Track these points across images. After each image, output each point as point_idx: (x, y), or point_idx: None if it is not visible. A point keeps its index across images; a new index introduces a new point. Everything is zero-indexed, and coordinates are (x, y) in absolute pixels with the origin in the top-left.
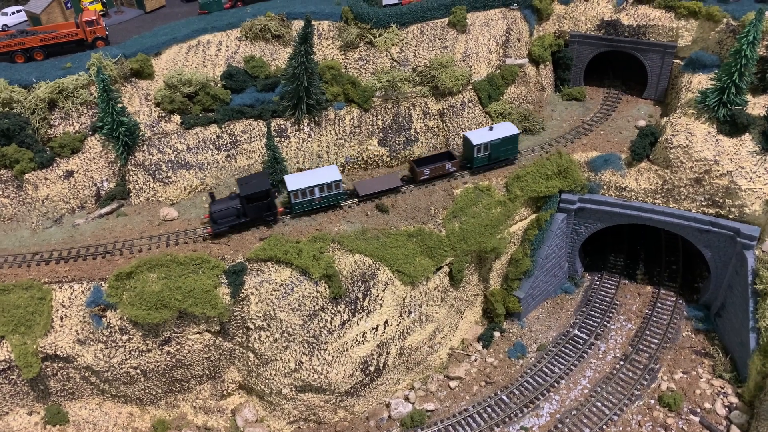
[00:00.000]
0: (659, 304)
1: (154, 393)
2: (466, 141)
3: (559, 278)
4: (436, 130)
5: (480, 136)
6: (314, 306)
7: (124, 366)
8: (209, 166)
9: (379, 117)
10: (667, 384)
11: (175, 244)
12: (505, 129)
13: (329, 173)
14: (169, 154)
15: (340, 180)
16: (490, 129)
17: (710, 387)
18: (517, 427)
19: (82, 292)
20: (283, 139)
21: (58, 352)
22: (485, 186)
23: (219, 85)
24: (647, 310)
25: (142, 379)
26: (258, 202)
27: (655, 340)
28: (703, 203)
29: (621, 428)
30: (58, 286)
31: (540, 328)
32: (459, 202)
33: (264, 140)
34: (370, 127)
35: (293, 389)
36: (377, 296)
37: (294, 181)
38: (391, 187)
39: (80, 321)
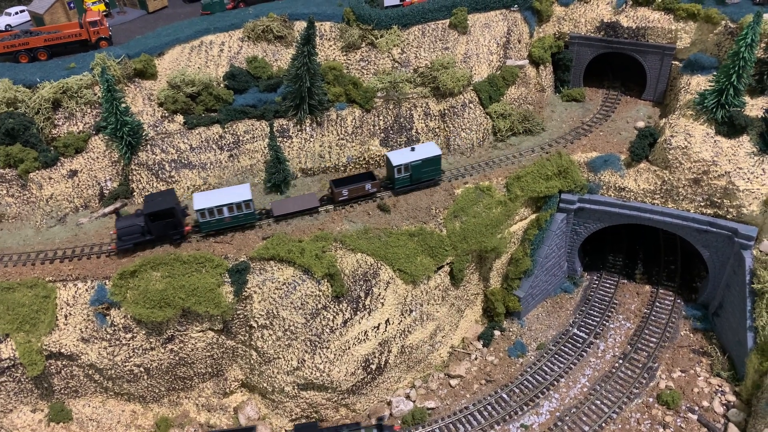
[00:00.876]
0: (658, 304)
1: (157, 391)
2: (388, 161)
3: (558, 278)
4: (437, 130)
5: (401, 156)
6: (316, 304)
7: (127, 364)
8: (212, 166)
9: (381, 117)
10: (665, 382)
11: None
12: (428, 150)
13: (239, 192)
14: (172, 153)
15: (250, 200)
16: (412, 149)
17: (708, 385)
18: (518, 425)
19: (86, 290)
20: (285, 139)
21: (62, 350)
22: (486, 186)
23: (222, 85)
24: (646, 309)
25: (145, 377)
26: (162, 220)
27: (654, 339)
28: (702, 204)
29: (620, 426)
30: (63, 285)
31: (540, 327)
32: (460, 202)
33: (266, 140)
34: (371, 127)
35: (295, 387)
36: (379, 295)
37: (202, 200)
38: (307, 208)
39: (84, 319)
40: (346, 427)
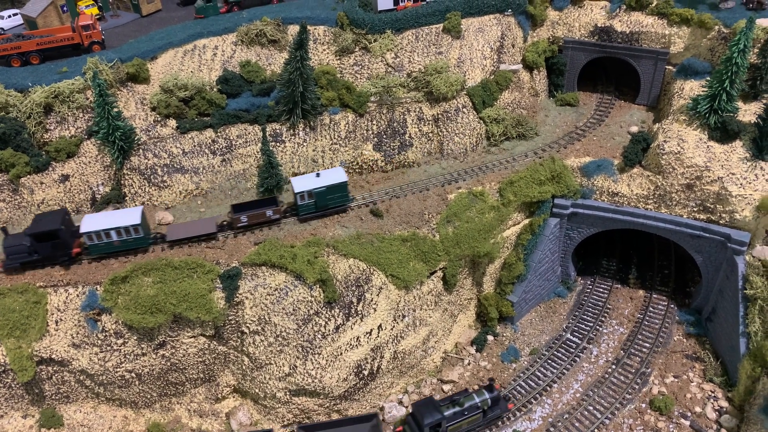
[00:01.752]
0: (651, 309)
1: (148, 396)
2: (292, 187)
3: (552, 282)
4: (430, 135)
5: (304, 182)
6: (308, 310)
7: (119, 370)
8: (205, 171)
9: (374, 122)
10: (658, 388)
11: (170, 248)
12: (333, 176)
13: (129, 217)
14: (164, 158)
15: (138, 224)
16: (318, 175)
17: (701, 391)
18: (510, 430)
19: (77, 296)
20: (278, 144)
21: (53, 356)
22: (479, 191)
23: (215, 89)
24: (639, 314)
25: (136, 382)
26: (48, 240)
27: (647, 344)
28: (695, 209)
29: None
30: (54, 290)
31: (533, 332)
32: (453, 207)
33: (259, 145)
34: (365, 131)
35: (287, 393)
36: (371, 300)
37: (89, 223)
38: (204, 234)
39: (75, 325)
40: (458, 395)
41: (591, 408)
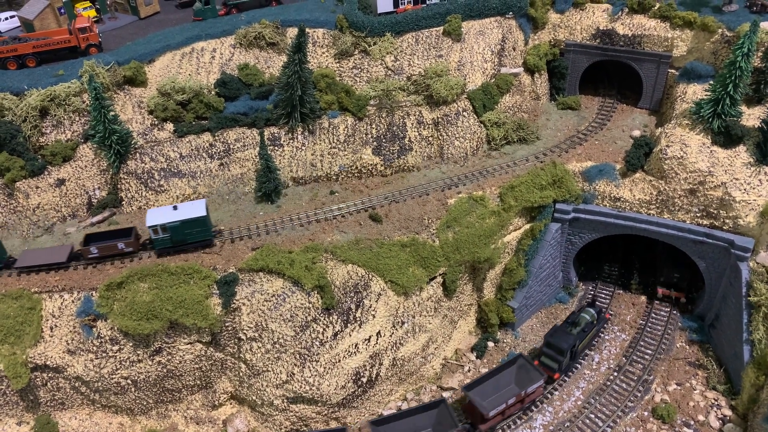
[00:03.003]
0: (653, 315)
1: (144, 403)
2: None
3: (553, 288)
4: (430, 139)
5: (159, 216)
6: (306, 317)
7: (114, 376)
8: (202, 175)
9: (374, 126)
10: (660, 396)
11: (167, 254)
12: (192, 210)
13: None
14: (161, 162)
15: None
16: (174, 208)
17: (704, 399)
18: None
19: (73, 302)
20: (276, 148)
21: (48, 362)
22: (479, 196)
23: (212, 92)
24: (641, 320)
25: (132, 389)
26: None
27: (649, 351)
28: (698, 214)
29: None
30: (48, 296)
31: (534, 338)
32: (453, 212)
33: (257, 149)
34: (364, 135)
35: (285, 400)
36: (370, 307)
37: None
38: (54, 262)
39: (70, 331)
40: (572, 316)
41: (592, 416)
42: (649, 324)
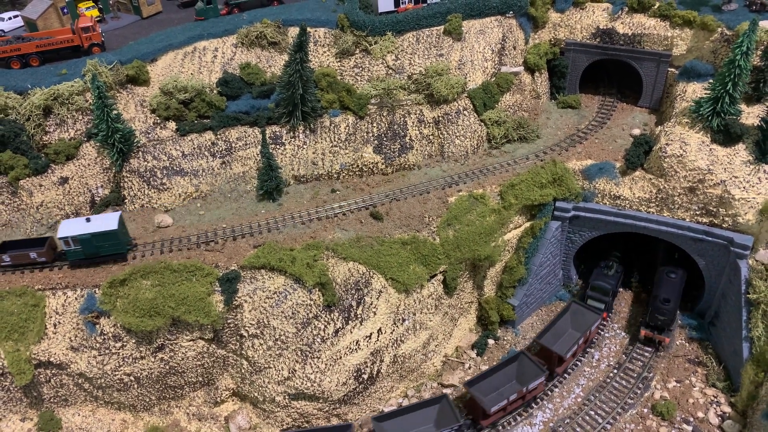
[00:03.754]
0: None
1: (147, 400)
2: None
3: (553, 286)
4: (431, 137)
5: (71, 227)
6: (308, 314)
7: (117, 373)
8: (204, 173)
9: (375, 124)
10: (660, 393)
11: (169, 251)
12: (104, 223)
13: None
14: (164, 160)
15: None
16: (87, 220)
17: (703, 396)
18: None
19: (76, 299)
20: (278, 146)
21: (52, 359)
22: (480, 194)
23: (214, 91)
24: (641, 318)
25: (135, 385)
26: None
27: (649, 349)
28: (697, 212)
29: None
30: (52, 293)
31: (534, 335)
32: (453, 210)
33: (259, 147)
34: (365, 134)
35: (286, 397)
36: (371, 304)
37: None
38: None
39: (74, 328)
40: (603, 263)
41: (592, 413)
42: None
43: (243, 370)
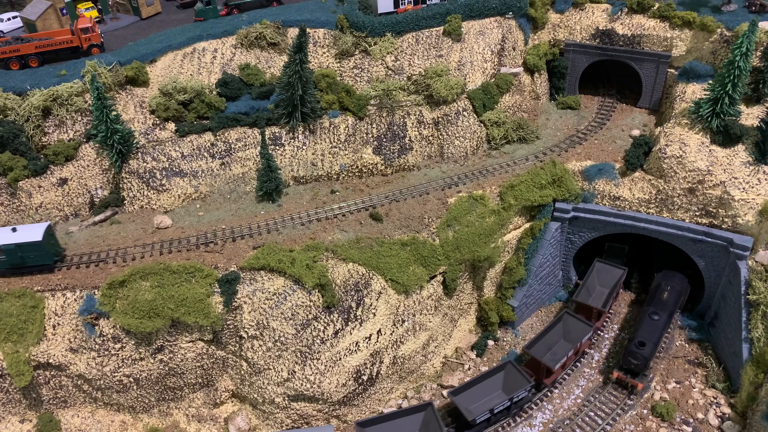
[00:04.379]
0: None
1: (146, 401)
2: None
3: (553, 287)
4: (430, 138)
5: None
6: (307, 315)
7: (116, 374)
8: (203, 174)
9: (374, 125)
10: (660, 394)
11: (168, 252)
12: (30, 233)
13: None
14: (163, 161)
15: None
16: (14, 230)
17: (703, 397)
18: None
19: (75, 300)
20: (277, 147)
21: (51, 361)
22: (479, 195)
23: (214, 92)
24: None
25: (134, 387)
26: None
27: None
28: (697, 213)
29: None
30: (51, 294)
31: (532, 336)
32: (453, 211)
33: (258, 148)
34: (364, 135)
35: (286, 398)
36: (370, 305)
37: None
38: None
39: (73, 329)
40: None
41: (592, 414)
42: None
43: (242, 372)
